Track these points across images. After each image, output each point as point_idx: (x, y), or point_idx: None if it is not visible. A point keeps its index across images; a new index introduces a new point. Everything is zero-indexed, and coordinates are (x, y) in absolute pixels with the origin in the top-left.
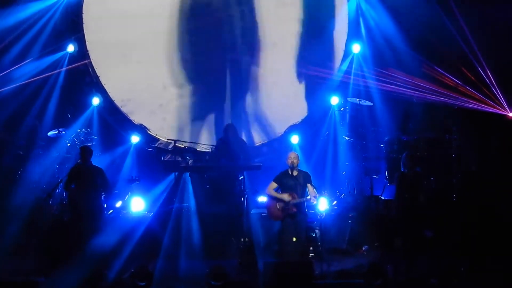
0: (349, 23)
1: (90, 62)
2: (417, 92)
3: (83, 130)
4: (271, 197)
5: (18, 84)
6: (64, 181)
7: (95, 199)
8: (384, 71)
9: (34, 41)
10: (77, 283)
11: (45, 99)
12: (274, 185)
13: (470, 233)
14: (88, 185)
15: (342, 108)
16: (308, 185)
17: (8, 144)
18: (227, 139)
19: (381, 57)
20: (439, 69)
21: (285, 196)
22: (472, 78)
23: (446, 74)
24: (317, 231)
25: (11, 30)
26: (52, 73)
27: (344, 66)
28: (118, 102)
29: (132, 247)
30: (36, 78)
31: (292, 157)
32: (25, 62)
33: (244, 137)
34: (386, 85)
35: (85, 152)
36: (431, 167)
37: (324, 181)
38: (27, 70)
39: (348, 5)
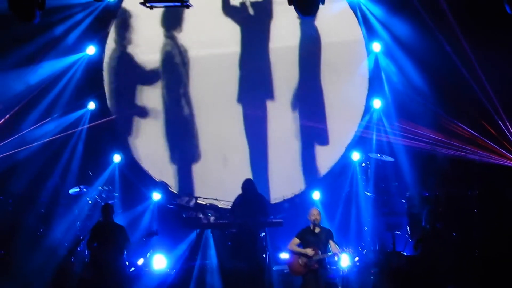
0: (369, 78)
1: (112, 119)
2: (437, 147)
3: (105, 187)
4: (294, 253)
5: (39, 142)
6: (87, 239)
7: (117, 257)
8: (404, 126)
9: (56, 99)
10: None
11: (66, 157)
12: (296, 241)
13: None
14: (110, 243)
15: (364, 164)
16: (330, 241)
17: (30, 202)
18: (246, 195)
19: (401, 112)
20: (460, 123)
21: (309, 251)
22: (493, 132)
23: (467, 128)
24: (339, 287)
25: (33, 89)
26: (73, 130)
27: (365, 122)
28: (139, 159)
29: None
30: (57, 136)
31: (315, 213)
32: (47, 120)
33: (265, 193)
34: (407, 140)
35: (107, 209)
36: (453, 223)
37: (346, 236)
38: (48, 128)
39: (368, 60)
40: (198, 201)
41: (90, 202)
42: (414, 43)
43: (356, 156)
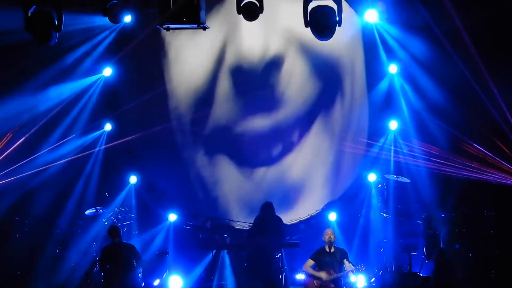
0: (385, 99)
1: (128, 141)
2: (454, 168)
3: (121, 208)
4: (309, 274)
5: (56, 163)
6: (99, 262)
7: (130, 277)
8: (421, 147)
9: (73, 120)
10: None
11: (82, 178)
12: (311, 262)
13: None
14: (121, 263)
15: (380, 185)
16: (345, 260)
17: (46, 223)
18: (265, 217)
19: (418, 134)
20: (476, 145)
21: (323, 275)
22: (508, 153)
23: (483, 150)
24: None
25: (50, 109)
26: (89, 152)
27: (382, 143)
28: (155, 180)
29: None
30: (74, 157)
31: (329, 233)
32: (63, 141)
33: (281, 214)
34: (423, 161)
35: (113, 231)
36: (469, 243)
37: (362, 257)
38: (65, 150)
39: (384, 82)
40: (214, 222)
41: (106, 223)
42: (430, 64)
43: (372, 177)
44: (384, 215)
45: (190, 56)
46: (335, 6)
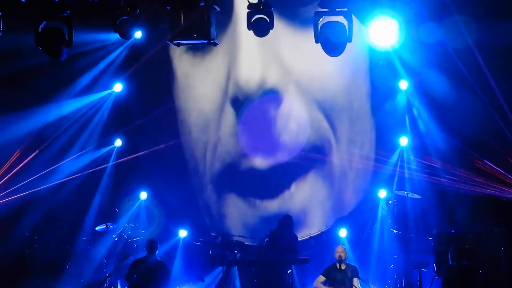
0: (396, 115)
1: (138, 156)
2: (464, 185)
3: (131, 224)
4: None
5: (66, 178)
6: (126, 273)
7: None
8: (431, 164)
9: (83, 136)
10: None
11: (92, 193)
12: (322, 278)
13: None
14: (150, 279)
15: (390, 201)
16: (354, 279)
17: (55, 238)
18: (280, 231)
19: (428, 150)
20: (486, 161)
21: None
22: None
23: (493, 166)
24: None
25: (60, 125)
26: (99, 167)
27: (392, 159)
28: (166, 196)
29: None
30: (84, 173)
31: (340, 251)
32: (73, 156)
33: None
34: (433, 177)
35: (151, 245)
36: (480, 260)
37: (372, 274)
38: (75, 165)
39: (397, 99)
40: (224, 238)
41: (116, 239)
42: (440, 81)
43: (382, 193)
44: (395, 231)
45: (199, 87)
46: (345, 22)
